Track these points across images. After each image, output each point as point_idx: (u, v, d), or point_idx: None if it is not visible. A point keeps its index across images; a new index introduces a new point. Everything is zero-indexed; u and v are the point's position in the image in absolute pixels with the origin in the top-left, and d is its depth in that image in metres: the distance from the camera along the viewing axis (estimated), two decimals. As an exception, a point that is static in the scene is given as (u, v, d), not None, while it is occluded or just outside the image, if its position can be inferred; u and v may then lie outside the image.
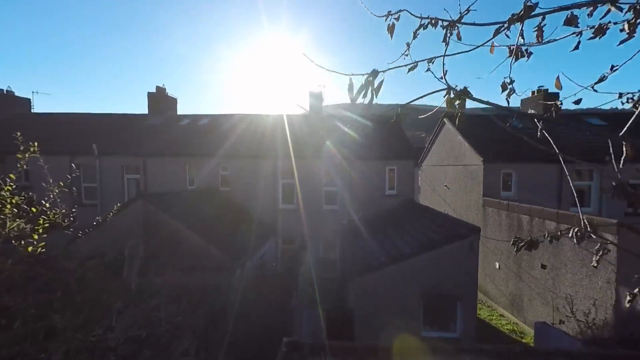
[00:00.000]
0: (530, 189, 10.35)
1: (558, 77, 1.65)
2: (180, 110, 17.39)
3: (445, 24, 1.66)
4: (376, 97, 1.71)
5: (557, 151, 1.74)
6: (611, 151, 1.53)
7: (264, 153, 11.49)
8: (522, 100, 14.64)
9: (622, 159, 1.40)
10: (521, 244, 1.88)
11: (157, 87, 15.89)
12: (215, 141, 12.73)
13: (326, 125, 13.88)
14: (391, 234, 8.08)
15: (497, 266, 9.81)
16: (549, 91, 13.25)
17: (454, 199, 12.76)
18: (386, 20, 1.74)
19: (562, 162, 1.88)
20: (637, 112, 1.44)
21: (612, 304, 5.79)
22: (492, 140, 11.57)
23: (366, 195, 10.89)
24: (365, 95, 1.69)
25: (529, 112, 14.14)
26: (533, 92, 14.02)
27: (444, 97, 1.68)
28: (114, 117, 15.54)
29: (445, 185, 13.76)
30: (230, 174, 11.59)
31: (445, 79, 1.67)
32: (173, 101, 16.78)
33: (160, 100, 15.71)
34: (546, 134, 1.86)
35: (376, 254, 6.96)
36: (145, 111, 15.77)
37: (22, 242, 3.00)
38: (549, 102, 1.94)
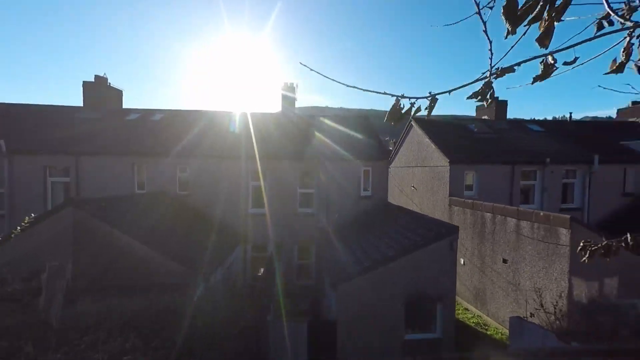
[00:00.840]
0: (488, 189, 11.23)
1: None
2: (131, 107, 15.12)
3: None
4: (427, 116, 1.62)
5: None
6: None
7: (231, 153, 10.47)
8: (477, 106, 16.06)
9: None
10: (594, 249, 1.60)
11: (96, 77, 13.54)
12: (172, 139, 11.24)
13: (301, 126, 13.35)
14: (371, 237, 7.89)
15: (462, 262, 10.36)
16: (499, 99, 14.70)
17: (421, 199, 13.28)
18: None
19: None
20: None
21: (566, 294, 6.36)
22: (456, 143, 12.34)
23: (342, 197, 10.63)
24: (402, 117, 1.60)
25: (483, 117, 15.60)
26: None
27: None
28: (32, 108, 12.77)
29: (413, 186, 14.28)
30: (190, 176, 10.29)
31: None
32: (117, 93, 14.47)
33: (99, 91, 13.39)
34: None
35: (359, 259, 6.67)
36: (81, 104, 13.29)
37: None
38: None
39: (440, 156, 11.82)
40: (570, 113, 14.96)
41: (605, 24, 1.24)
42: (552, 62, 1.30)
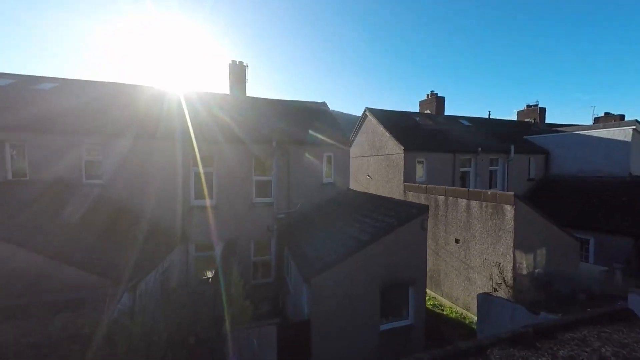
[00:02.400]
0: (435, 175, 12.13)
1: None
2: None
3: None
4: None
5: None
6: None
7: (166, 132, 8.37)
8: (420, 102, 17.32)
9: None
10: None
11: None
12: (74, 113, 8.38)
13: (254, 108, 11.81)
14: (340, 224, 7.32)
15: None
16: (439, 95, 16.14)
17: (376, 187, 13.54)
18: None
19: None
20: None
21: (511, 267, 7.09)
22: (406, 133, 12.93)
23: (304, 185, 9.78)
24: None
25: (425, 112, 16.92)
26: (428, 95, 16.77)
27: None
28: None
29: (368, 175, 14.48)
30: (104, 160, 7.79)
31: None
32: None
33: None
34: None
35: (332, 247, 6.00)
36: None
37: None
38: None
39: (395, 144, 12.18)
40: (489, 112, 17.64)
41: None
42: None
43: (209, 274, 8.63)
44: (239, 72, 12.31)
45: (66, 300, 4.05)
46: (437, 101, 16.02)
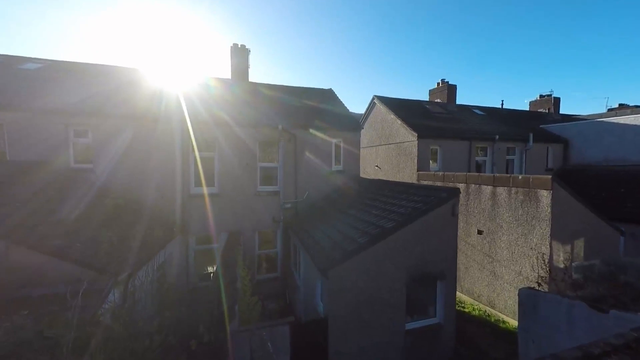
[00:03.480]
0: (450, 164, 11.39)
1: None
2: None
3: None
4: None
5: None
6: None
7: (164, 115, 7.63)
8: (430, 90, 16.52)
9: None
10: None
11: None
12: (60, 92, 7.63)
13: (257, 92, 11.06)
14: (355, 212, 6.60)
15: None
16: (449, 83, 15.34)
17: (386, 177, 12.79)
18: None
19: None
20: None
21: (548, 259, 6.37)
22: (418, 120, 12.17)
23: (312, 172, 9.06)
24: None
25: (437, 100, 16.13)
26: (438, 84, 15.97)
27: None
28: None
29: (377, 166, 13.74)
30: (94, 143, 7.05)
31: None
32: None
33: None
34: None
35: (351, 236, 5.28)
36: None
37: None
38: None
39: (407, 131, 11.43)
40: (502, 101, 16.85)
41: None
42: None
43: (211, 269, 7.92)
44: (241, 56, 11.51)
45: (33, 296, 3.34)
46: (449, 89, 15.22)
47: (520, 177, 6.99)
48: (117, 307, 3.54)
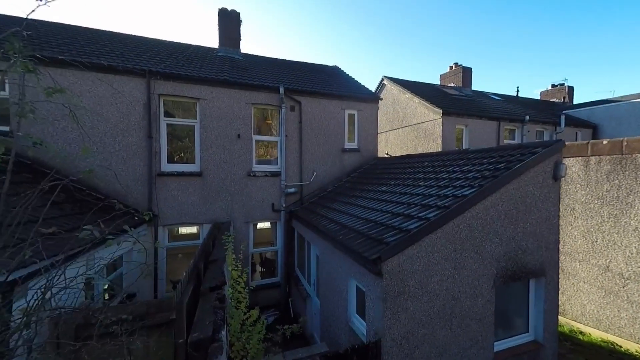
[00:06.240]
0: (477, 143, 9.80)
1: None
2: None
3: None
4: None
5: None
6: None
7: (128, 63, 5.68)
8: (441, 75, 15.16)
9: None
10: None
11: None
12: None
13: (251, 60, 9.20)
14: (394, 188, 4.74)
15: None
16: (464, 66, 14.01)
17: (401, 165, 11.08)
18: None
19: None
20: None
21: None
22: (439, 99, 10.62)
23: (320, 150, 7.21)
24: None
25: (450, 85, 14.74)
26: (451, 67, 14.63)
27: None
28: None
29: (387, 154, 12.03)
30: (16, 99, 4.97)
31: None
32: None
33: None
34: None
35: (403, 214, 3.39)
36: None
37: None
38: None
39: (428, 110, 9.81)
40: (517, 87, 15.69)
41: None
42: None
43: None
44: (230, 22, 9.70)
45: None
46: (464, 72, 13.84)
47: (605, 142, 5.33)
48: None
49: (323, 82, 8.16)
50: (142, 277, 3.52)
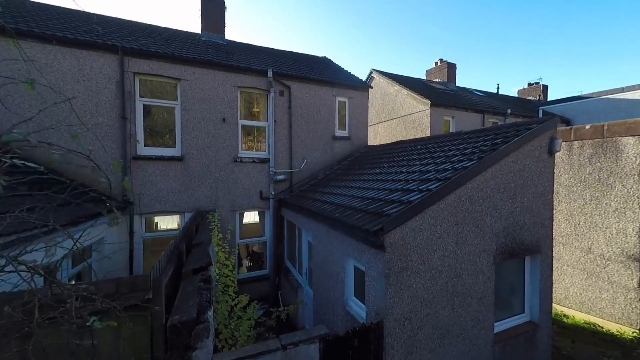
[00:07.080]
0: (463, 139, 9.98)
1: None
2: None
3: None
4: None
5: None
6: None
7: (101, 40, 5.14)
8: (427, 71, 15.39)
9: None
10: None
11: None
12: None
13: (237, 45, 8.73)
14: (390, 168, 4.60)
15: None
16: (449, 62, 14.30)
17: (389, 157, 11.08)
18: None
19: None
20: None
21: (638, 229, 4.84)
22: (426, 92, 10.71)
23: (310, 138, 6.97)
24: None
25: (435, 80, 15.00)
26: (436, 63, 14.89)
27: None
28: None
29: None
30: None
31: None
32: None
33: None
34: None
35: (402, 189, 3.24)
36: None
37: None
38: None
39: (417, 101, 9.86)
40: (498, 85, 16.28)
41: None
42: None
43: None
44: (215, 6, 9.17)
45: None
46: (449, 68, 14.13)
47: (588, 127, 5.49)
48: None
49: (313, 69, 7.93)
50: (113, 271, 3.10)
